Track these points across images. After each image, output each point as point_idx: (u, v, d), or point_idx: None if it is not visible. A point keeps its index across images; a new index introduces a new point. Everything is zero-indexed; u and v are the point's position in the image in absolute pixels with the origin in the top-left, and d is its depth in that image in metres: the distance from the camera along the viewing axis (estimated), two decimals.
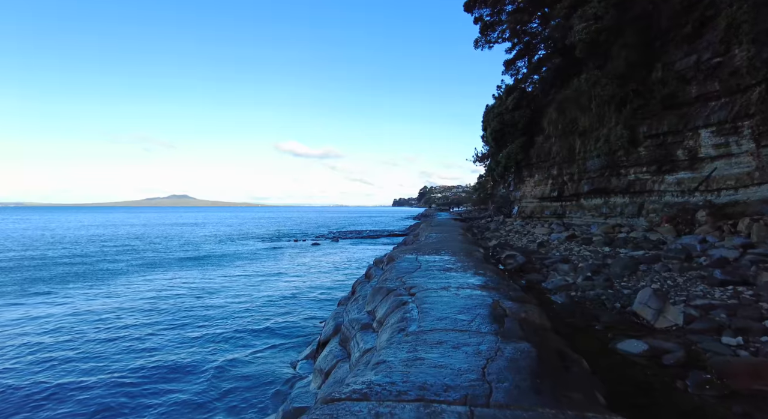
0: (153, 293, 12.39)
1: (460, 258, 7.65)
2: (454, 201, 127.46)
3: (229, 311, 9.85)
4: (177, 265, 17.94)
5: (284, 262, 18.14)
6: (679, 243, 10.61)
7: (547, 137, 26.67)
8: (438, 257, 7.75)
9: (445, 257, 7.85)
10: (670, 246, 10.50)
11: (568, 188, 24.64)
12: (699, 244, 9.95)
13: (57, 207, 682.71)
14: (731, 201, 13.95)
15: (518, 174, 30.73)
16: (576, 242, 13.65)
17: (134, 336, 8.29)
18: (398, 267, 6.59)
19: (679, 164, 16.40)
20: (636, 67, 17.60)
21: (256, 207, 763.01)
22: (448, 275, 5.54)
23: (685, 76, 15.43)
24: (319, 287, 12.45)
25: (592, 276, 7.78)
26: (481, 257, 8.09)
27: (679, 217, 14.23)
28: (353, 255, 20.32)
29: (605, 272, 8.18)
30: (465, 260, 7.29)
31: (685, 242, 10.65)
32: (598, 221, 21.74)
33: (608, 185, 20.65)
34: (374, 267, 9.06)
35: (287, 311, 9.36)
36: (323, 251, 22.27)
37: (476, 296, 4.19)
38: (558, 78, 26.20)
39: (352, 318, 4.65)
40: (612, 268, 8.45)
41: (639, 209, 18.82)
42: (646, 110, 17.40)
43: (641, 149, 17.90)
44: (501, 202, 36.98)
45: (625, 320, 5.05)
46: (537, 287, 7.37)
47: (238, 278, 14.55)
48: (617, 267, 8.32)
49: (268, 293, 11.77)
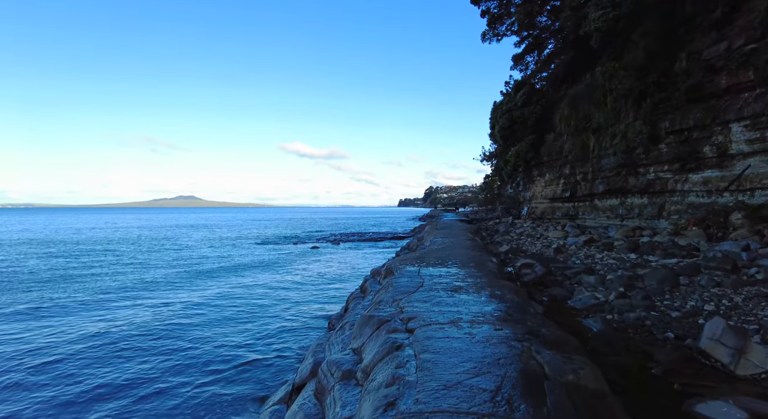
0: (103, 311, 10.95)
1: (470, 271, 6.50)
2: (460, 201, 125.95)
3: (194, 336, 8.39)
4: (154, 272, 16.74)
5: (277, 269, 16.86)
6: (717, 250, 9.37)
7: (558, 134, 25.42)
8: (444, 270, 6.60)
9: (452, 269, 6.70)
10: (707, 253, 9.27)
11: (581, 188, 23.37)
12: (743, 252, 8.71)
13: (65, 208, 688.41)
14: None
15: (528, 173, 29.47)
16: (596, 247, 12.43)
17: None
18: (396, 285, 5.46)
19: (706, 161, 15.12)
20: (657, 58, 16.33)
21: (262, 208, 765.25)
22: (456, 299, 4.40)
23: (714, 65, 14.16)
24: (310, 301, 11.14)
25: (626, 292, 6.59)
26: (494, 269, 6.93)
27: (709, 219, 12.96)
28: (352, 261, 18.95)
29: (640, 287, 6.99)
30: (476, 275, 6.14)
31: (724, 248, 9.41)
32: (614, 223, 20.48)
33: (625, 185, 19.38)
34: (371, 279, 7.94)
35: (264, 336, 8.03)
36: (321, 256, 20.99)
37: (497, 339, 3.04)
38: (570, 73, 24.93)
39: (331, 360, 3.52)
40: (647, 281, 7.26)
41: (659, 211, 17.54)
42: (668, 104, 16.12)
43: (662, 145, 16.62)
44: (509, 202, 35.71)
45: (688, 359, 3.88)
46: (563, 307, 6.19)
47: (218, 289, 13.23)
48: (653, 280, 7.13)
49: (248, 309, 10.41)
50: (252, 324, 8.79)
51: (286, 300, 11.16)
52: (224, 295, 12.23)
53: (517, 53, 27.96)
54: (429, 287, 5.15)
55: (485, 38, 25.18)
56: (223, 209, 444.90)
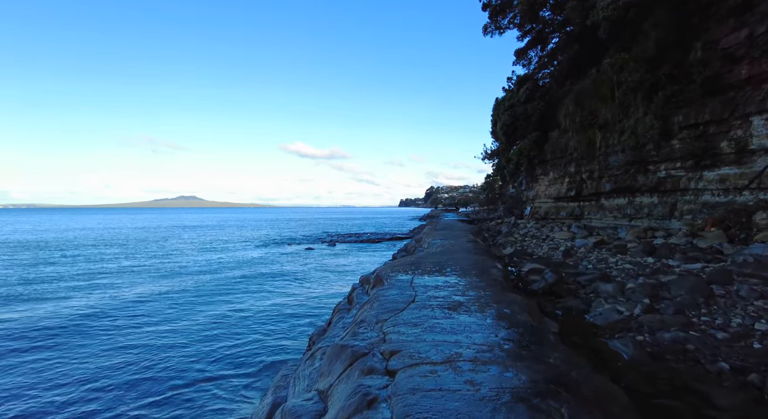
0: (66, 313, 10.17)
1: (471, 281, 5.59)
2: (461, 201, 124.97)
3: (151, 356, 7.50)
4: (133, 277, 15.80)
5: (263, 274, 15.77)
6: (747, 254, 8.43)
7: (563, 131, 24.48)
8: (441, 280, 5.69)
9: (451, 278, 5.78)
10: (736, 258, 8.34)
11: (587, 187, 22.45)
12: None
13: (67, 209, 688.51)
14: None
15: (531, 172, 28.53)
16: (608, 250, 11.50)
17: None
18: (383, 299, 4.55)
19: (723, 158, 14.18)
20: (669, 49, 15.40)
21: (264, 208, 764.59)
22: (455, 322, 3.48)
23: (733, 55, 13.22)
24: (290, 311, 10.09)
25: (653, 305, 5.66)
26: (500, 277, 6.01)
27: (729, 219, 12.03)
28: (345, 264, 17.89)
29: (668, 298, 6.06)
30: (479, 285, 5.23)
31: (755, 252, 8.47)
32: (621, 223, 19.55)
33: (634, 183, 18.45)
34: (359, 288, 7.03)
35: (230, 355, 6.95)
36: (314, 258, 19.94)
37: (511, 395, 2.11)
38: (574, 68, 24.01)
39: (289, 409, 2.60)
40: (674, 290, 6.33)
41: (671, 211, 16.61)
42: (682, 97, 15.18)
43: (675, 141, 15.68)
44: (511, 202, 34.78)
45: (759, 402, 2.96)
46: (581, 324, 5.26)
47: (191, 297, 12.39)
48: (681, 290, 6.20)
49: (220, 320, 9.40)
50: (223, 339, 7.89)
51: (264, 311, 10.20)
52: (196, 302, 11.41)
53: (519, 48, 27.02)
54: (422, 303, 4.23)
55: (487, 31, 24.25)
56: (223, 210, 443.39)
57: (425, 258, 8.23)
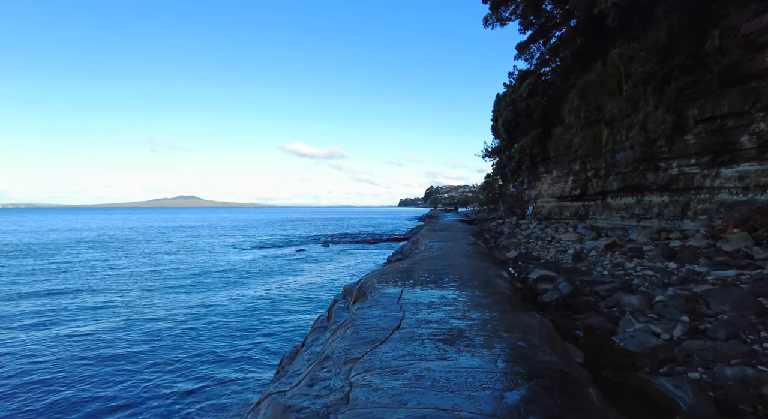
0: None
1: (472, 296, 4.57)
2: (461, 201, 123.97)
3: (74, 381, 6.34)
4: (97, 282, 14.67)
5: (244, 279, 14.26)
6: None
7: (567, 127, 23.46)
8: (437, 294, 4.66)
9: (448, 292, 4.76)
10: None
11: (592, 186, 21.43)
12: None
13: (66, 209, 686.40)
14: None
15: (533, 170, 27.51)
16: (622, 253, 10.47)
17: None
18: (360, 323, 3.52)
19: (743, 153, 13.17)
20: (683, 37, 14.38)
21: (263, 208, 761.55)
22: (452, 369, 2.44)
23: (755, 41, 12.21)
24: (262, 326, 8.71)
25: (695, 324, 4.63)
26: (507, 290, 4.99)
27: (755, 220, 11.02)
28: (337, 267, 16.40)
29: (709, 314, 5.05)
30: (483, 303, 4.20)
31: None
32: (629, 223, 18.55)
33: (643, 182, 17.43)
34: (340, 301, 6.00)
35: (177, 395, 5.74)
36: (305, 261, 18.49)
37: None
38: (579, 61, 22.98)
39: None
40: (714, 304, 5.32)
41: (683, 210, 15.59)
42: (697, 89, 14.17)
43: (689, 136, 14.67)
44: (512, 202, 33.77)
45: None
46: (611, 351, 4.23)
47: (146, 301, 11.32)
48: (724, 304, 5.20)
49: (175, 334, 8.22)
50: (175, 364, 6.78)
51: (232, 325, 8.92)
52: (139, 308, 10.30)
53: (521, 41, 25.99)
54: (409, 332, 3.20)
55: (487, 23, 23.22)
56: (222, 209, 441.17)
57: (420, 264, 7.20)
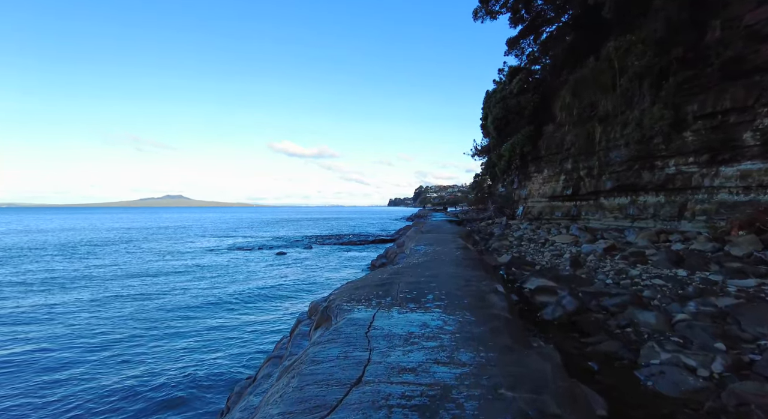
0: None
1: (462, 322, 3.64)
2: (450, 201, 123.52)
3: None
4: (48, 284, 13.40)
5: (211, 286, 13.01)
6: None
7: (558, 125, 22.75)
8: (418, 320, 3.72)
9: (432, 317, 3.82)
10: None
11: (584, 185, 20.73)
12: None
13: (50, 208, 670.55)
14: None
15: (524, 169, 26.78)
16: (624, 258, 9.66)
17: None
18: (308, 374, 2.56)
19: (745, 151, 12.50)
20: (682, 29, 13.68)
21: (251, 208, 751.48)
22: None
23: (759, 32, 11.54)
24: (220, 347, 7.42)
25: (739, 356, 3.77)
26: (504, 312, 4.07)
27: (762, 221, 10.31)
28: (316, 273, 15.40)
29: (747, 339, 4.24)
30: (475, 335, 3.28)
31: None
32: (623, 224, 17.88)
33: (638, 181, 16.75)
34: (305, 321, 5.04)
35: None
36: (282, 265, 16.85)
37: None
38: (571, 56, 22.30)
39: None
40: (747, 325, 4.51)
41: (680, 211, 14.93)
42: (697, 83, 13.49)
43: (688, 133, 13.98)
44: (502, 202, 33.06)
45: None
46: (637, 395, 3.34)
47: (96, 316, 9.95)
48: (764, 326, 4.37)
49: (107, 355, 7.17)
50: (74, 385, 5.65)
51: (184, 343, 7.64)
52: (89, 329, 8.75)
53: (511, 37, 25.26)
54: (373, 392, 2.26)
55: (477, 16, 22.41)
56: (209, 209, 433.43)
57: (402, 274, 6.26)
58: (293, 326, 5.11)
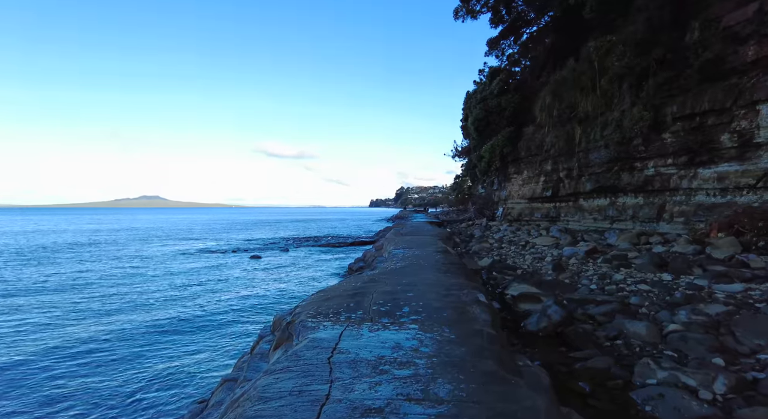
0: None
1: (441, 343, 3.20)
2: (431, 202, 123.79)
3: None
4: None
5: (170, 299, 11.77)
6: None
7: (538, 126, 22.68)
8: (391, 340, 3.27)
9: (407, 336, 3.37)
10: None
11: (564, 187, 20.70)
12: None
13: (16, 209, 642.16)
14: None
15: (504, 170, 26.70)
16: (606, 261, 9.44)
17: None
18: (251, 417, 2.08)
19: (723, 153, 12.51)
20: (662, 29, 13.66)
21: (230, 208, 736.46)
22: None
23: (738, 34, 11.53)
24: (165, 380, 6.16)
25: (742, 374, 3.45)
26: (487, 328, 3.67)
27: (741, 223, 10.25)
28: (289, 279, 14.40)
29: (745, 352, 3.96)
30: (454, 359, 2.85)
31: None
32: (602, 225, 17.86)
33: (617, 183, 16.74)
34: (267, 337, 4.55)
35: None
36: (255, 271, 15.44)
37: None
38: (551, 57, 22.29)
39: None
40: (744, 336, 4.24)
41: (659, 212, 14.94)
42: (676, 84, 13.47)
43: (667, 135, 13.97)
44: (482, 203, 32.99)
45: None
46: (635, 417, 2.96)
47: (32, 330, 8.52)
48: (762, 338, 4.12)
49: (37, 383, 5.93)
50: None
51: (131, 363, 6.75)
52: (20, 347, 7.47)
53: (492, 37, 25.15)
54: None
55: (458, 16, 22.18)
56: (187, 210, 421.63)
57: (377, 282, 5.81)
58: (255, 342, 4.60)
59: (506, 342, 3.88)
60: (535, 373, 3.47)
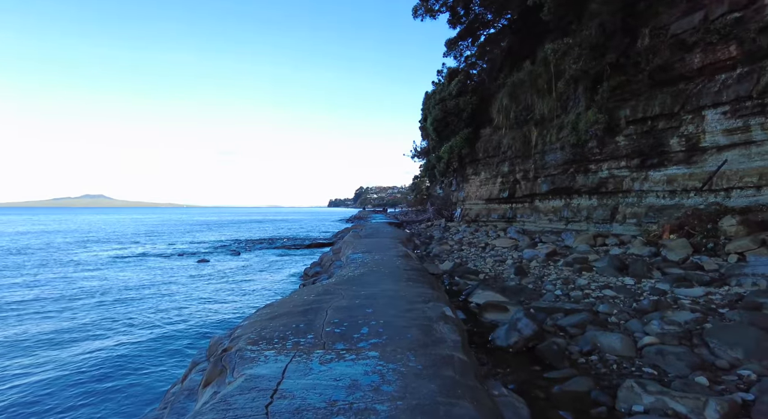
0: None
1: (405, 377, 2.70)
2: (390, 202, 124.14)
3: None
4: None
5: (95, 317, 9.49)
6: (752, 274, 6.52)
7: (496, 128, 22.87)
8: (347, 376, 2.71)
9: (364, 369, 2.83)
10: (742, 279, 6.38)
11: (521, 188, 20.95)
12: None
13: None
14: (753, 205, 10.49)
15: (462, 171, 26.79)
16: (568, 265, 9.34)
17: None
18: None
19: (672, 156, 12.91)
20: (615, 34, 13.93)
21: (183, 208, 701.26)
22: None
23: (685, 41, 11.87)
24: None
25: (729, 395, 3.16)
26: (457, 352, 3.21)
27: (690, 225, 10.51)
28: (237, 287, 12.89)
29: (724, 367, 3.76)
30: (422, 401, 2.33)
31: (761, 271, 6.56)
32: (557, 226, 18.14)
33: (572, 184, 17.04)
34: (201, 365, 3.86)
35: None
36: (201, 278, 14.34)
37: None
38: (509, 59, 22.52)
39: None
40: (721, 349, 4.07)
41: (612, 214, 15.29)
42: (628, 89, 13.80)
43: (620, 138, 14.30)
44: (441, 203, 33.06)
45: None
46: None
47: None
48: (737, 349, 3.97)
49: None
50: None
51: (41, 398, 5.22)
52: None
53: (450, 38, 25.10)
54: None
55: (417, 14, 21.92)
56: (134, 209, 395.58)
57: (333, 293, 5.23)
58: (185, 372, 3.89)
59: (477, 366, 3.43)
60: (513, 404, 3.04)
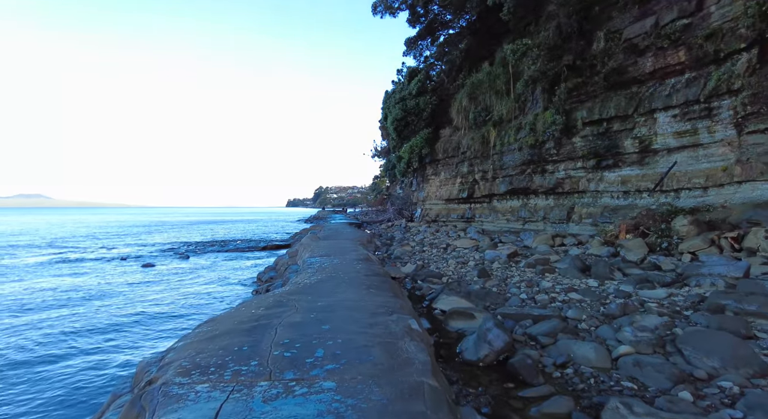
0: None
1: (369, 415, 2.20)
2: (350, 202, 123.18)
3: None
4: None
5: (18, 331, 7.91)
6: (708, 274, 6.56)
7: (455, 128, 22.89)
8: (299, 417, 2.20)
9: (320, 409, 2.34)
10: (702, 279, 6.40)
11: (479, 188, 21.05)
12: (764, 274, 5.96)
13: None
14: (701, 205, 10.86)
15: (422, 171, 26.69)
16: (530, 267, 9.21)
17: None
18: None
19: (626, 157, 13.25)
20: (572, 37, 14.14)
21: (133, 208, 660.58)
22: None
23: (638, 45, 12.17)
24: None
25: (709, 406, 2.92)
26: (427, 379, 2.75)
27: (645, 225, 10.73)
28: (181, 295, 11.57)
29: (701, 377, 3.62)
30: None
31: (717, 271, 6.62)
32: (514, 226, 18.33)
33: (530, 185, 17.24)
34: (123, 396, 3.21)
35: None
36: (142, 285, 12.71)
37: None
38: (468, 60, 22.59)
39: None
40: (696, 358, 3.89)
41: (568, 214, 15.56)
42: (584, 91, 14.04)
43: (577, 139, 14.54)
44: (401, 203, 32.87)
45: None
46: None
47: None
48: (713, 358, 3.86)
49: None
50: None
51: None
52: None
53: (410, 37, 24.91)
54: None
55: (376, 11, 21.52)
56: (76, 210, 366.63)
57: (285, 306, 4.67)
58: (103, 407, 3.22)
59: (449, 391, 3.01)
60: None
